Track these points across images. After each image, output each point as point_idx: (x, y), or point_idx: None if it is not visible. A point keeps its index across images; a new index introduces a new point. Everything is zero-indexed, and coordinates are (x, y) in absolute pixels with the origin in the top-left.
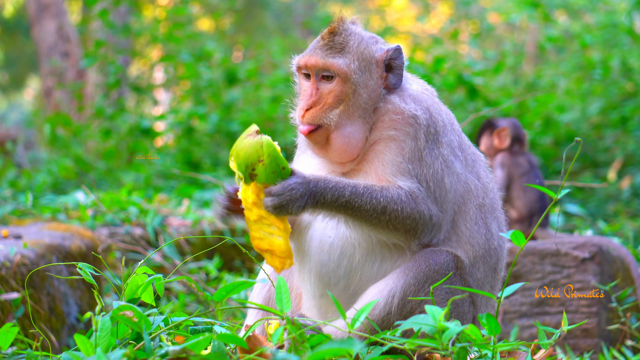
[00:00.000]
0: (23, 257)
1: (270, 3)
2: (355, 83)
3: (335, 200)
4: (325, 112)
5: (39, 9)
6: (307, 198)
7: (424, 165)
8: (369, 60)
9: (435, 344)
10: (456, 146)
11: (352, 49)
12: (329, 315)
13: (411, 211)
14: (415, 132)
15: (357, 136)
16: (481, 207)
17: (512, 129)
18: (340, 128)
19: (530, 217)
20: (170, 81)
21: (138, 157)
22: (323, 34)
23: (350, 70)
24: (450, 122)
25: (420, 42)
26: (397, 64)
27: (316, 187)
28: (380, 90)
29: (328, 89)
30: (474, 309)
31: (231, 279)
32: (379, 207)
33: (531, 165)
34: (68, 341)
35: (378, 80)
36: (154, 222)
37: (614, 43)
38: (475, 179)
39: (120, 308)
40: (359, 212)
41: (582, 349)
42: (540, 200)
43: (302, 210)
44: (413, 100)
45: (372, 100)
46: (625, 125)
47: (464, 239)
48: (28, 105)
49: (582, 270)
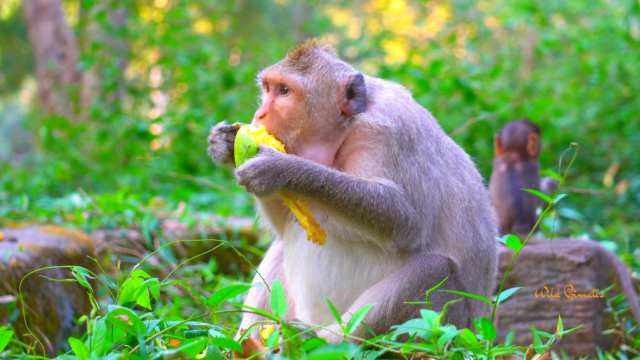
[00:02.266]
0: (18, 260)
1: (267, 6)
2: (309, 104)
3: (309, 184)
4: (282, 129)
5: (35, 10)
6: (274, 175)
7: (400, 170)
8: (329, 84)
9: (431, 348)
10: (433, 152)
11: (314, 71)
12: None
13: (387, 208)
14: (387, 139)
15: (321, 157)
16: (468, 209)
17: (504, 135)
18: (301, 152)
19: (510, 225)
20: (167, 84)
21: (138, 157)
22: (291, 53)
23: (306, 89)
24: (426, 127)
25: (418, 46)
26: (359, 90)
27: (287, 166)
28: (338, 116)
29: (282, 103)
30: (469, 312)
31: (227, 282)
32: (354, 197)
33: (509, 171)
34: (63, 345)
35: (336, 105)
36: (150, 225)
37: (611, 48)
38: (458, 181)
39: (115, 312)
40: (334, 201)
41: (578, 353)
42: (517, 206)
43: (272, 188)
44: (382, 112)
45: (331, 125)
46: (621, 129)
47: (451, 243)
48: (24, 107)
49: (578, 274)
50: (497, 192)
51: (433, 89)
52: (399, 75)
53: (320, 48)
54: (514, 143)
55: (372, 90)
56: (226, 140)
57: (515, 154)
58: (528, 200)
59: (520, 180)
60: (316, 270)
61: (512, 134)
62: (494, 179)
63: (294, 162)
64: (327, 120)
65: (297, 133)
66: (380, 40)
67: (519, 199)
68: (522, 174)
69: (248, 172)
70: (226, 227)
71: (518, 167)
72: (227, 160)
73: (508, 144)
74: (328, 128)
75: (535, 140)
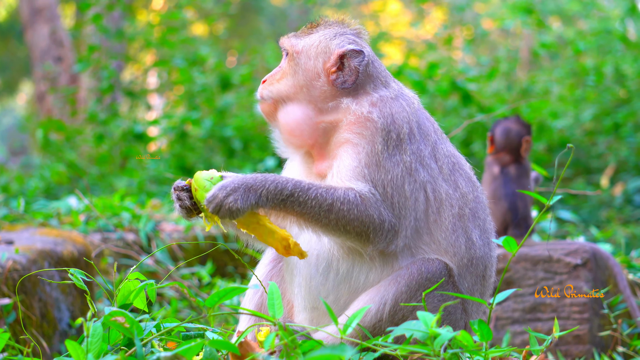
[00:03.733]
0: (15, 263)
1: (264, 8)
2: (296, 63)
3: (279, 193)
4: (272, 84)
5: (32, 13)
6: (245, 190)
7: (382, 170)
8: (323, 50)
9: (427, 350)
10: (426, 156)
11: (315, 37)
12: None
13: (359, 214)
14: (372, 135)
15: (300, 115)
16: (460, 216)
17: (497, 137)
18: (283, 105)
19: (505, 230)
20: (164, 86)
21: (138, 158)
22: (309, 24)
23: (295, 50)
24: (423, 132)
25: (415, 48)
26: (350, 64)
27: (254, 180)
28: (322, 81)
29: (281, 66)
30: (466, 316)
31: (224, 284)
32: (324, 204)
33: (502, 174)
34: (59, 347)
35: (320, 71)
36: (146, 227)
37: (608, 49)
38: (450, 189)
39: (112, 314)
40: (306, 209)
41: (574, 355)
42: (512, 211)
43: (247, 205)
44: (372, 104)
45: (317, 89)
46: (618, 131)
47: (442, 248)
48: (21, 110)
49: (574, 276)
50: (491, 196)
51: (430, 91)
52: (396, 77)
53: (342, 23)
54: (507, 145)
55: (374, 84)
56: (190, 197)
57: (508, 156)
58: (523, 204)
59: (515, 183)
60: (314, 273)
61: (506, 136)
62: (487, 180)
63: (259, 176)
64: (311, 83)
65: (282, 85)
66: (377, 42)
67: (514, 204)
68: (516, 178)
69: (219, 194)
70: (223, 229)
71: (512, 170)
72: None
73: (502, 145)
74: (314, 92)
75: (528, 143)
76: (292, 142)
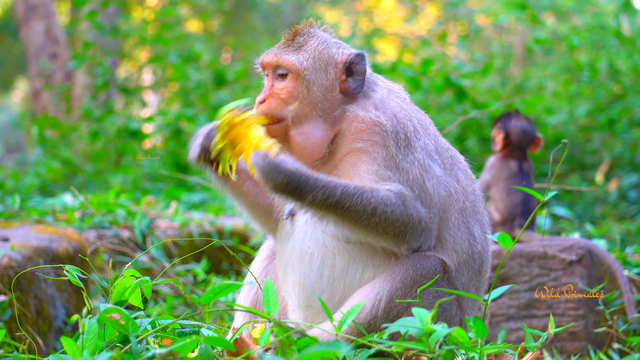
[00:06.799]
0: (10, 260)
1: (258, 4)
2: (307, 80)
3: (325, 199)
4: (281, 105)
5: (27, 10)
6: (293, 190)
7: (402, 171)
8: (327, 61)
9: (422, 346)
10: (432, 150)
11: (310, 49)
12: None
13: (400, 214)
14: (383, 140)
15: (317, 134)
16: (462, 210)
17: (514, 135)
18: (298, 125)
19: (512, 219)
20: (159, 83)
21: (137, 158)
22: (286, 35)
23: (302, 67)
24: (423, 126)
25: (409, 44)
26: (359, 69)
27: (306, 182)
28: (336, 92)
29: (281, 85)
30: (461, 312)
31: (219, 281)
32: (369, 208)
33: (520, 170)
34: (55, 344)
35: (334, 82)
36: (141, 224)
37: (602, 45)
38: (454, 182)
39: (107, 310)
40: (349, 213)
41: (569, 351)
42: (523, 203)
43: (289, 198)
44: (376, 108)
45: (329, 102)
46: (612, 127)
47: (447, 246)
48: (16, 107)
49: (570, 272)
50: (504, 190)
51: (424, 87)
52: (390, 73)
53: (317, 28)
54: (524, 143)
55: (368, 85)
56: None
57: (519, 153)
58: (533, 199)
59: (529, 178)
60: (308, 271)
61: (524, 134)
62: (501, 176)
63: (311, 177)
64: (326, 96)
65: (296, 106)
66: (371, 38)
67: (528, 196)
68: (528, 174)
69: (270, 173)
70: (218, 226)
71: (525, 166)
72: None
73: (518, 143)
74: (327, 105)
75: (541, 141)
76: (304, 157)
